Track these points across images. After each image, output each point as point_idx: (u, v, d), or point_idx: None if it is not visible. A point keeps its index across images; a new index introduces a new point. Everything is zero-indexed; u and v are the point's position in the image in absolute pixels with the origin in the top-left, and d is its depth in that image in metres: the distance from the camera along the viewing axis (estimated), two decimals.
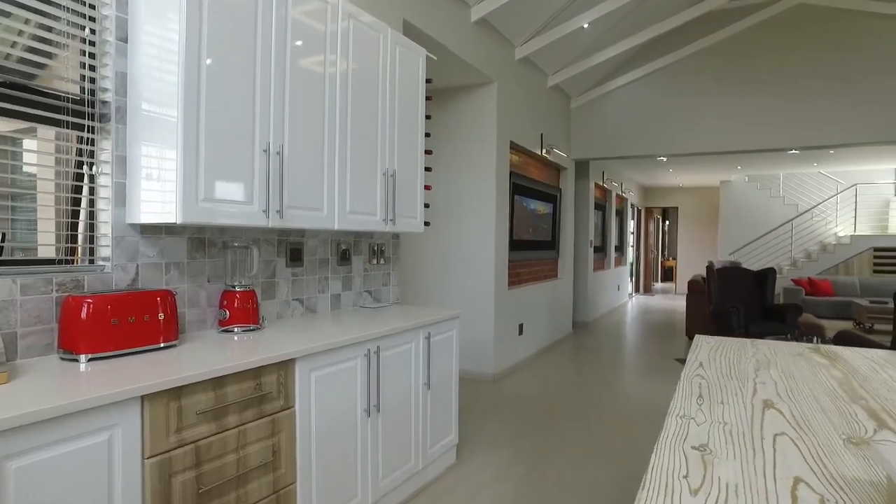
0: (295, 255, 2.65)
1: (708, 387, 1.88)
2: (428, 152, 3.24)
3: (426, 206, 3.21)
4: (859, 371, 2.25)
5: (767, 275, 6.15)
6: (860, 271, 10.11)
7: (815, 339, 4.70)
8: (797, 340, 4.74)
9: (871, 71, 6.10)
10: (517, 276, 5.93)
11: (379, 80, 2.73)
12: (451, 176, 5.09)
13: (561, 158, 7.10)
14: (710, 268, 6.27)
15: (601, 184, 9.71)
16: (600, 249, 9.85)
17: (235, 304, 2.16)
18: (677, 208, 14.79)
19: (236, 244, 2.23)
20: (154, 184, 1.87)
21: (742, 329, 5.53)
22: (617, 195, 11.23)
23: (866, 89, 6.12)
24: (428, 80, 3.22)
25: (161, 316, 1.81)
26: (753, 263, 11.32)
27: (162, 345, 1.82)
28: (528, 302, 6.06)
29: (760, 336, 5.50)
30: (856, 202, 10.89)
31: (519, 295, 5.78)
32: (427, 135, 3.21)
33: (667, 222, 18.79)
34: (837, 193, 11.13)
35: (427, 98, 3.21)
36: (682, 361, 5.90)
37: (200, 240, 2.19)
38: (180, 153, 1.78)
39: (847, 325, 8.37)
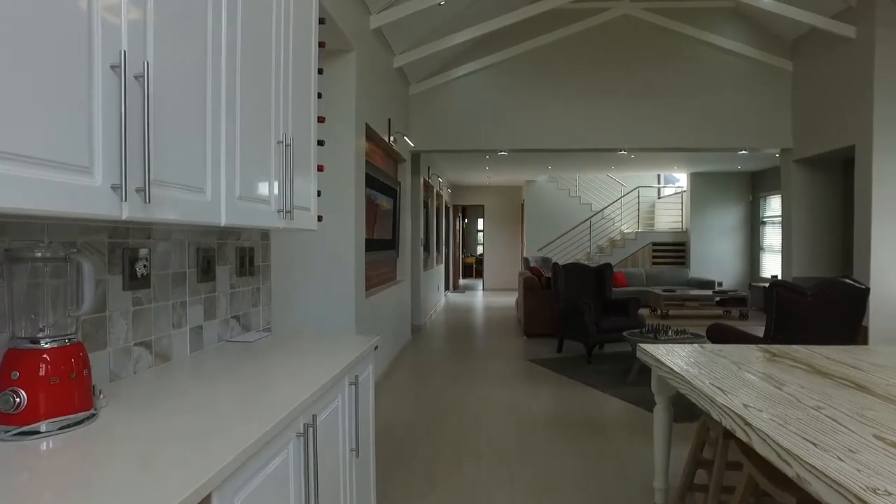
0: (138, 271, 1.57)
1: (792, 425, 1.50)
2: (320, 119, 2.35)
3: (318, 193, 2.32)
4: (837, 372, 2.10)
5: (605, 270, 6.39)
6: (643, 263, 11.53)
7: (668, 330, 4.88)
8: (655, 335, 4.87)
9: (684, 85, 6.74)
10: (367, 279, 5.17)
11: (273, 8, 1.79)
12: None
13: (403, 149, 6.50)
14: (556, 265, 6.29)
15: (428, 179, 9.39)
16: (426, 248, 9.54)
17: (42, 375, 1.08)
18: (483, 206, 15.33)
19: (39, 254, 1.13)
20: None
21: (594, 325, 5.59)
22: (436, 192, 11.07)
23: (680, 101, 6.74)
24: (321, 21, 2.33)
25: None
26: (558, 259, 12.18)
27: None
28: (380, 309, 5.34)
29: (612, 331, 5.62)
30: (639, 203, 12.43)
31: (374, 302, 5.04)
32: (319, 95, 2.32)
33: (465, 220, 19.55)
34: (622, 196, 12.59)
35: (320, 44, 2.31)
36: (536, 362, 5.77)
37: None
38: None
39: (645, 311, 9.36)
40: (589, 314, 5.58)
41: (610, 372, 5.27)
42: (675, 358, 2.36)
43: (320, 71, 2.33)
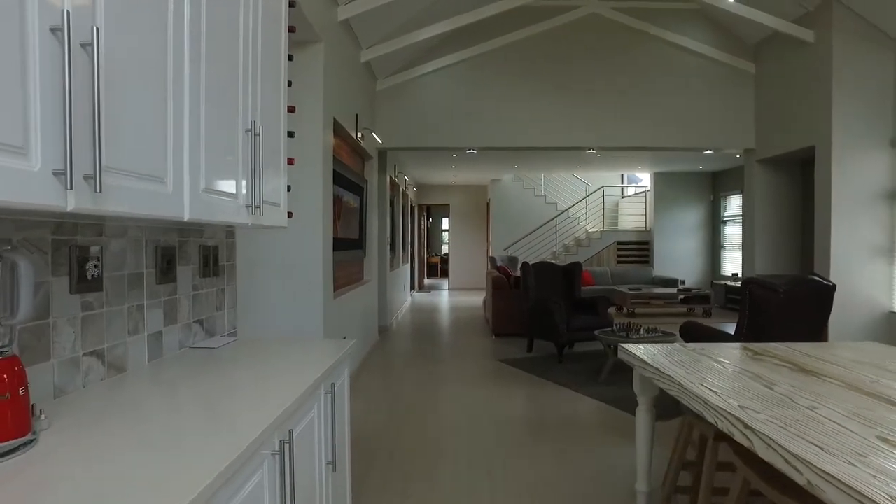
0: (88, 272, 1.40)
1: (792, 427, 1.44)
2: (290, 109, 2.20)
3: (288, 188, 2.17)
4: (821, 370, 2.09)
5: (574, 269, 6.38)
6: (608, 262, 11.66)
7: (640, 329, 4.88)
8: (627, 334, 4.87)
9: (652, 85, 6.79)
10: (334, 280, 5.00)
11: None
12: None
13: (370, 145, 6.34)
14: (525, 264, 6.24)
15: (394, 177, 9.24)
16: (392, 247, 9.38)
17: None
18: (448, 205, 15.23)
19: None
20: None
21: (565, 324, 5.56)
22: (402, 190, 10.92)
23: (648, 101, 6.79)
24: (291, 4, 2.18)
25: None
26: (524, 258, 12.19)
27: None
28: (348, 310, 5.18)
29: (583, 330, 5.60)
30: (603, 202, 12.56)
31: (341, 303, 4.87)
32: (289, 83, 2.17)
33: (430, 219, 19.41)
34: (588, 195, 12.69)
35: (290, 29, 2.17)
36: (507, 362, 5.71)
37: None
38: None
39: (611, 310, 9.44)
40: (559, 313, 5.54)
41: (581, 371, 5.24)
42: (660, 358, 2.31)
43: (290, 57, 2.19)
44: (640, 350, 2.48)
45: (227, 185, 1.55)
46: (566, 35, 6.76)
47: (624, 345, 2.58)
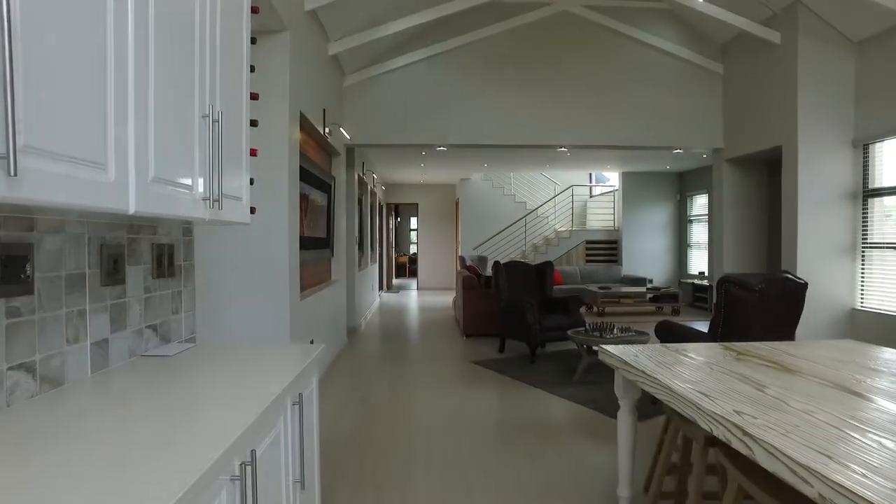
0: (14, 272, 1.22)
1: (794, 433, 1.37)
2: (253, 96, 2.03)
3: (251, 181, 2.00)
4: (806, 369, 2.04)
5: (546, 268, 6.32)
6: (577, 261, 11.70)
7: (613, 328, 4.85)
8: (601, 333, 4.82)
9: (623, 83, 6.79)
10: (301, 280, 4.80)
11: None
12: None
13: (338, 142, 6.15)
14: (497, 263, 6.15)
15: (362, 175, 9.04)
16: (360, 247, 9.19)
17: None
18: (417, 204, 15.07)
19: None
20: None
21: (537, 324, 5.49)
22: (370, 189, 10.73)
23: (619, 100, 6.78)
24: None
25: None
26: (494, 257, 12.15)
27: None
28: (315, 312, 5.00)
29: (555, 329, 5.54)
30: (572, 202, 12.60)
31: (308, 304, 4.69)
32: (252, 68, 2.00)
33: (398, 218, 19.22)
34: (557, 195, 12.72)
35: (253, 10, 2.00)
36: (479, 364, 5.61)
37: None
38: None
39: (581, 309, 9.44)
40: (532, 313, 5.47)
41: (555, 371, 5.18)
42: (644, 360, 2.23)
43: (253, 40, 2.02)
44: (621, 351, 2.40)
45: (182, 176, 1.38)
46: (537, 32, 6.70)
47: (604, 346, 2.50)
